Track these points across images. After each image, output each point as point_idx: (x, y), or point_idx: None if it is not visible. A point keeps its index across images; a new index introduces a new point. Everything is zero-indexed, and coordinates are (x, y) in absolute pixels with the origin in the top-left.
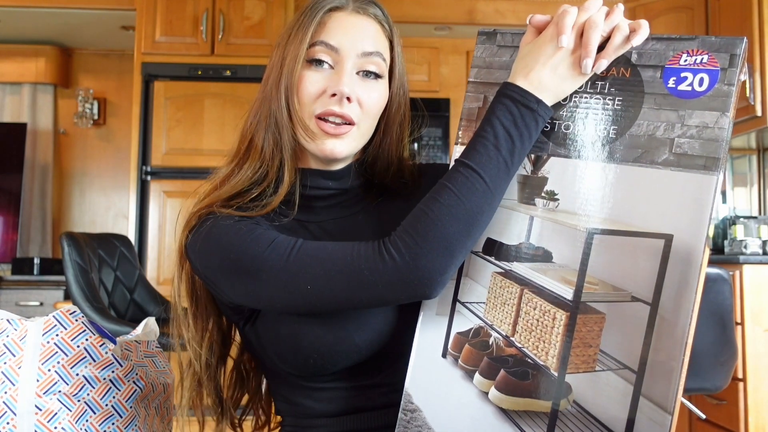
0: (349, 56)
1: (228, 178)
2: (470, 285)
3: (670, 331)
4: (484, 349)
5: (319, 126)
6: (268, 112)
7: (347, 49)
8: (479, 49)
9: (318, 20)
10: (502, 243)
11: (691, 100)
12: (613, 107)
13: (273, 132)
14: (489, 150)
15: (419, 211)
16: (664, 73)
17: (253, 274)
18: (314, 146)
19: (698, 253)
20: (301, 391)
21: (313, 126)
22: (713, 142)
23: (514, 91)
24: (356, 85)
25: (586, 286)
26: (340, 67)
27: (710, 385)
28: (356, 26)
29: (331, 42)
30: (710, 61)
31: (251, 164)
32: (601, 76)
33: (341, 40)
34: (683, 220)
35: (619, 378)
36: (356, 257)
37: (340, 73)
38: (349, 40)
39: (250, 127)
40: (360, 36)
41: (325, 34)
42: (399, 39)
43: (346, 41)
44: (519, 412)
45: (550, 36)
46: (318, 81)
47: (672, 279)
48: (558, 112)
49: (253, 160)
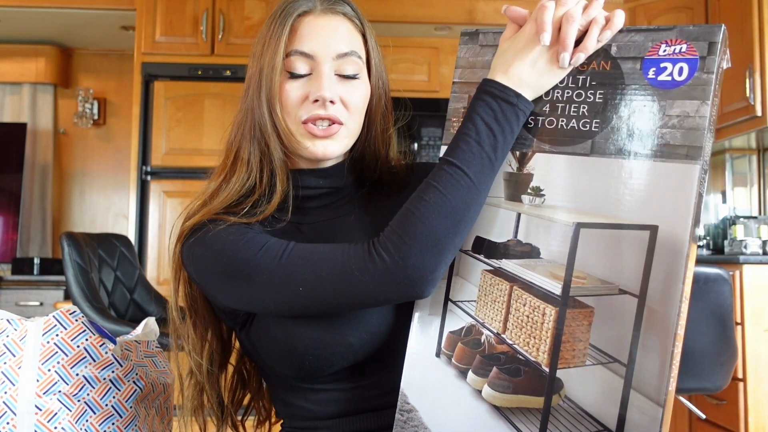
0: (325, 60)
1: (217, 192)
2: (461, 284)
3: (659, 323)
4: (477, 347)
5: (307, 130)
6: (252, 123)
7: (322, 53)
8: (462, 50)
9: (288, 28)
10: (490, 241)
11: (671, 90)
12: (595, 100)
13: (259, 142)
14: (472, 146)
15: (406, 210)
16: (643, 65)
17: (245, 278)
18: (305, 150)
19: (684, 243)
20: (298, 394)
21: (301, 131)
22: (695, 131)
23: (494, 87)
24: (337, 87)
25: (574, 281)
26: (317, 72)
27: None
28: (327, 28)
29: (304, 50)
30: (689, 50)
31: (239, 177)
32: (581, 69)
33: (314, 45)
34: (668, 210)
35: (610, 372)
36: (347, 259)
37: (319, 79)
38: (322, 44)
39: (235, 140)
40: (332, 38)
41: (297, 42)
42: (372, 31)
43: (320, 46)
44: (512, 409)
45: (528, 32)
46: (298, 88)
47: (659, 270)
48: (540, 108)
49: (240, 173)
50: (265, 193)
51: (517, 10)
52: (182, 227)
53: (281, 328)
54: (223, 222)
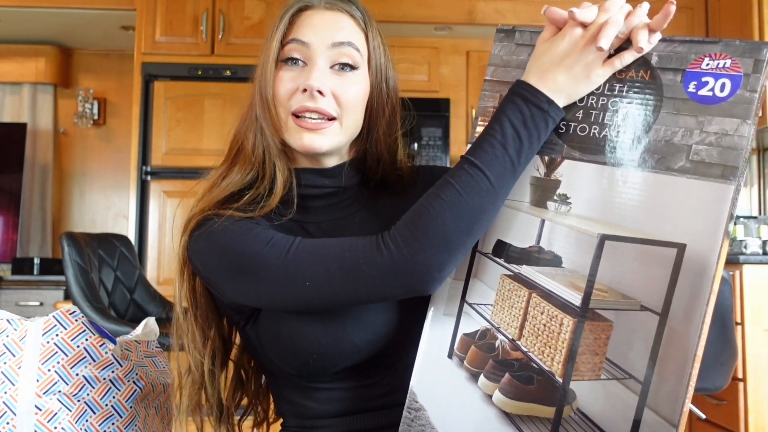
0: (319, 49)
1: (219, 180)
2: (478, 286)
3: (679, 343)
4: (490, 351)
5: (296, 123)
6: (254, 116)
7: (317, 42)
8: (497, 47)
9: (288, 19)
10: (511, 245)
11: (711, 106)
12: (630, 111)
13: (260, 135)
14: (496, 149)
15: (420, 206)
16: (684, 77)
17: (252, 273)
18: (294, 141)
19: (711, 264)
20: (301, 392)
21: (291, 123)
22: (732, 150)
23: (527, 90)
24: (329, 79)
25: (595, 293)
26: (311, 62)
27: (710, 385)
28: (326, 20)
29: (301, 38)
30: (733, 65)
31: (241, 167)
32: (619, 78)
33: (311, 35)
34: (697, 229)
35: (624, 388)
36: (354, 252)
37: (311, 68)
38: (319, 33)
39: (240, 131)
40: (330, 29)
41: (295, 31)
42: (377, 31)
43: (316, 35)
44: (522, 416)
45: (569, 35)
46: (291, 79)
47: (683, 289)
48: (574, 114)
49: (243, 164)
50: (266, 188)
51: (557, 12)
52: (188, 216)
53: (286, 327)
54: (230, 218)
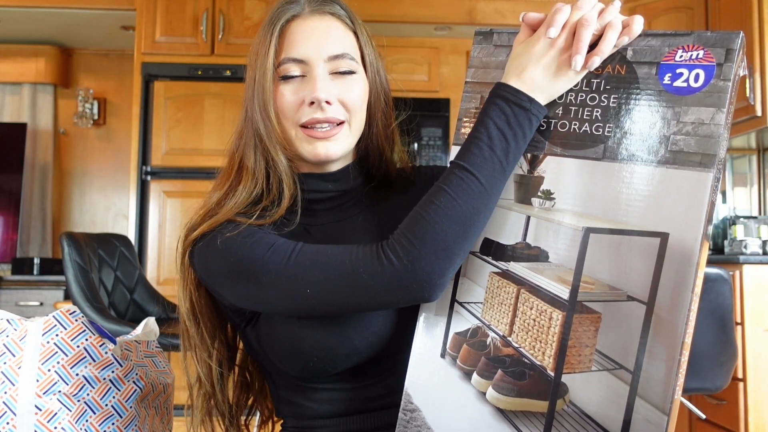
0: (317, 63)
1: (222, 202)
2: (468, 285)
3: (667, 331)
4: (482, 349)
5: (305, 134)
6: (252, 132)
7: (314, 57)
8: (476, 49)
9: (277, 33)
10: (498, 243)
11: (686, 97)
12: (608, 105)
13: (262, 151)
14: (483, 151)
15: (416, 214)
16: (659, 70)
17: (253, 278)
18: (307, 153)
19: (694, 251)
20: (301, 393)
21: (300, 135)
22: (709, 138)
23: (507, 91)
24: (333, 87)
25: (582, 286)
26: (311, 74)
27: (710, 385)
28: (316, 30)
29: (296, 56)
30: (706, 56)
31: (245, 185)
32: (596, 73)
33: (305, 50)
34: (679, 218)
35: (615, 378)
36: (355, 261)
37: (313, 81)
38: (312, 47)
39: (238, 149)
40: (323, 40)
41: (287, 48)
42: (364, 28)
43: (311, 50)
44: (516, 412)
45: (543, 35)
46: (292, 92)
47: (668, 278)
48: (554, 111)
49: (246, 181)
50: (274, 200)
51: (534, 16)
52: (187, 239)
53: (287, 329)
54: (233, 224)
